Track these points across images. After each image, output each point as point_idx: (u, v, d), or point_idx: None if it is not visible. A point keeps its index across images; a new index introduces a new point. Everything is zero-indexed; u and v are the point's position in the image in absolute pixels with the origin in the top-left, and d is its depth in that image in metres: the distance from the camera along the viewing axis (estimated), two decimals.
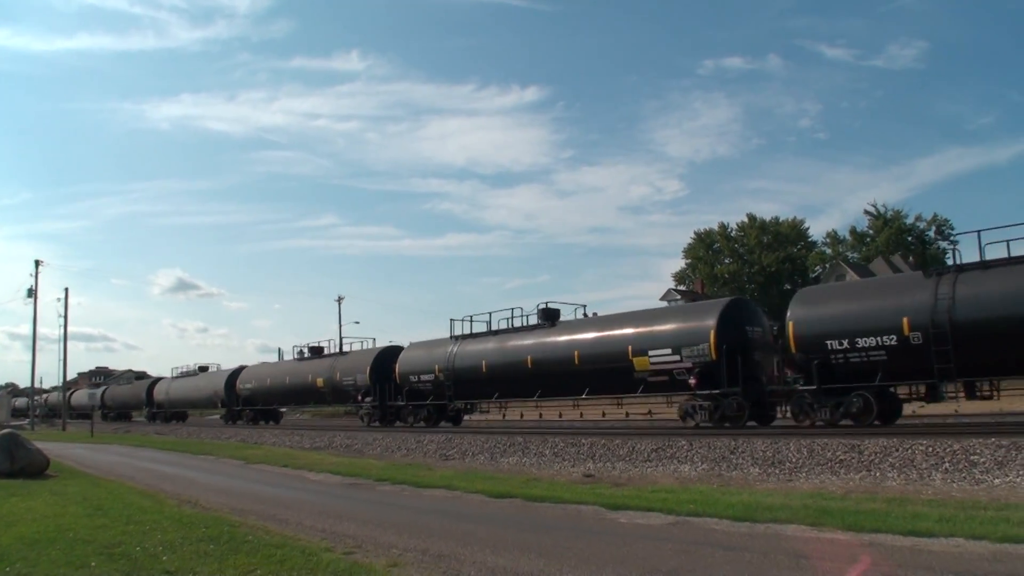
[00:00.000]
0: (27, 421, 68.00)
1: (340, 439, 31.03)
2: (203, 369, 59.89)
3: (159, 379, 68.75)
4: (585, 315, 31.24)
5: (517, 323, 31.31)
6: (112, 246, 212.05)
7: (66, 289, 68.52)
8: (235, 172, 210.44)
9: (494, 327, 32.39)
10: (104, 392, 79.69)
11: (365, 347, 41.60)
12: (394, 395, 36.32)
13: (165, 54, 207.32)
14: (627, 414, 43.24)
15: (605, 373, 26.12)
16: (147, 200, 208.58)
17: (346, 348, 43.47)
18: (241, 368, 52.98)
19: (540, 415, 48.27)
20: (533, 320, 30.86)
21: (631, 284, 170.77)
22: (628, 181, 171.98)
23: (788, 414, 22.53)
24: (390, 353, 37.86)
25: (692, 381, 23.43)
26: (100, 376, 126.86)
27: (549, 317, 30.46)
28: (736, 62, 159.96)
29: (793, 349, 21.75)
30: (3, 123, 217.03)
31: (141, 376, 76.29)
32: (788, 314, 22.13)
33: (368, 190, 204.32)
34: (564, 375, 27.61)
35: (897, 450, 15.46)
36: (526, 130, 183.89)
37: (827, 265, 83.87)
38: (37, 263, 65.48)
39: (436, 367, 33.41)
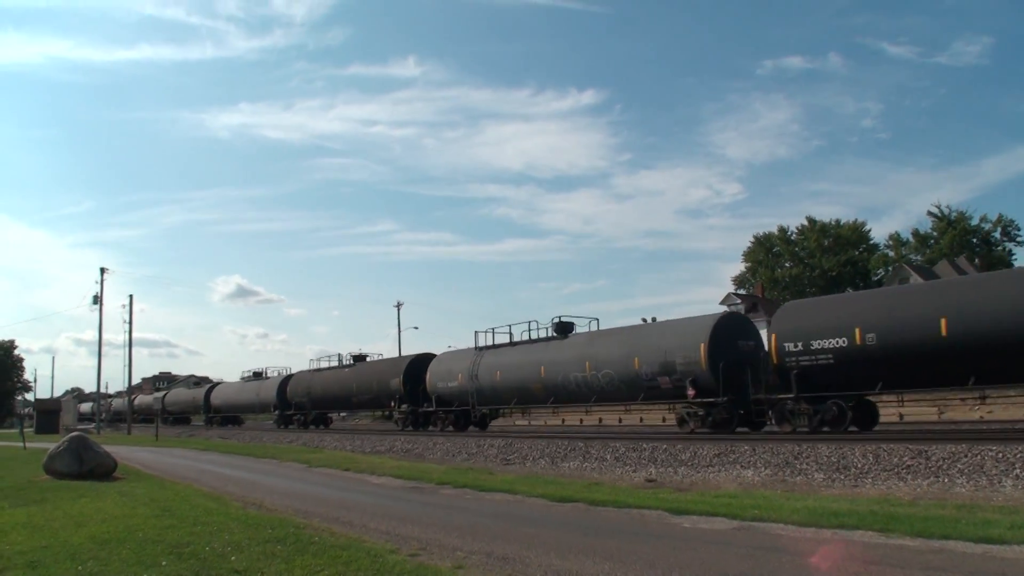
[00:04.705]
0: (93, 425, 69.56)
1: (400, 443, 31.24)
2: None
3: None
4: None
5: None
6: (173, 253, 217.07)
7: (130, 296, 70.06)
8: (293, 179, 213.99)
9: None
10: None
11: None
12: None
13: (223, 64, 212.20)
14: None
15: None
16: (207, 208, 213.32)
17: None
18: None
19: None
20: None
21: (690, 289, 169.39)
22: (686, 184, 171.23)
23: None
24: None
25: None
26: (163, 381, 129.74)
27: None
28: (796, 62, 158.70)
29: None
30: (67, 133, 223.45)
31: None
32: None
33: (425, 196, 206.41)
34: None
35: (966, 456, 15.17)
36: (583, 134, 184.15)
37: (890, 268, 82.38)
38: (102, 270, 66.57)
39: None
